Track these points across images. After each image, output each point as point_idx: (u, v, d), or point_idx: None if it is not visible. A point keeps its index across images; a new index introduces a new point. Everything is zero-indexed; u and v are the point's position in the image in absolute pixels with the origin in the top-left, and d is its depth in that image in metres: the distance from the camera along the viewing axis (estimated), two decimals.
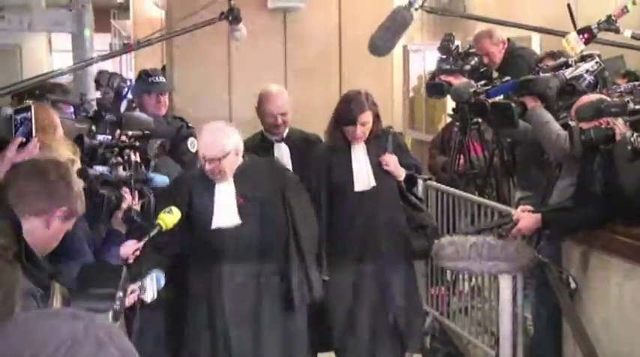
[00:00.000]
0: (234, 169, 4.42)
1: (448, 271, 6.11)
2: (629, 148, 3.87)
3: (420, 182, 6.35)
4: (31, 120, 3.35)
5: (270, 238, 4.43)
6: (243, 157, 4.51)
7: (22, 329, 1.30)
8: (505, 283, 4.86)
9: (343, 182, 4.79)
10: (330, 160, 4.85)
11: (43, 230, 2.86)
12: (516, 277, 4.88)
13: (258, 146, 5.15)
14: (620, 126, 4.16)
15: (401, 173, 4.83)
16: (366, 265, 4.82)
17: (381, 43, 4.89)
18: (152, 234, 3.62)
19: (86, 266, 3.16)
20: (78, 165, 3.58)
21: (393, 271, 4.83)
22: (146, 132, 4.37)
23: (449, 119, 7.29)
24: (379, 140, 4.84)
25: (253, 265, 4.40)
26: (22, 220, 2.69)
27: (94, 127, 4.37)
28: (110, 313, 2.70)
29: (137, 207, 3.82)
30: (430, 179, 6.38)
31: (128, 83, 6.02)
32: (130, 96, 6.13)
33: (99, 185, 3.67)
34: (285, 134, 5.21)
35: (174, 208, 3.74)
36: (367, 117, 4.71)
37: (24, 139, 3.31)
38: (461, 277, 6.03)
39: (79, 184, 3.06)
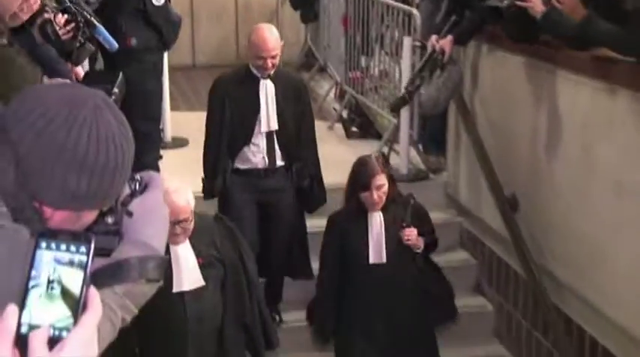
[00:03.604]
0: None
1: (363, 58, 7.41)
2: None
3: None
4: None
5: (232, 300, 4.10)
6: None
7: (33, 94, 1.45)
8: (407, 51, 6.17)
9: (358, 252, 4.49)
10: (345, 228, 4.57)
11: None
12: (414, 49, 6.11)
13: (243, 80, 5.09)
14: None
15: (420, 245, 4.53)
16: (384, 342, 4.53)
17: None
18: None
19: (86, 73, 3.58)
20: None
21: (415, 350, 4.58)
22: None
23: None
24: (397, 208, 4.54)
25: (215, 329, 4.08)
26: None
27: None
28: None
29: (62, 32, 3.73)
30: None
31: None
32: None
33: None
34: (272, 72, 5.07)
35: None
36: (381, 179, 4.42)
37: None
38: (372, 64, 7.29)
39: None
